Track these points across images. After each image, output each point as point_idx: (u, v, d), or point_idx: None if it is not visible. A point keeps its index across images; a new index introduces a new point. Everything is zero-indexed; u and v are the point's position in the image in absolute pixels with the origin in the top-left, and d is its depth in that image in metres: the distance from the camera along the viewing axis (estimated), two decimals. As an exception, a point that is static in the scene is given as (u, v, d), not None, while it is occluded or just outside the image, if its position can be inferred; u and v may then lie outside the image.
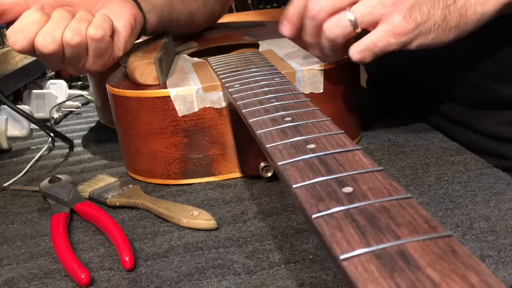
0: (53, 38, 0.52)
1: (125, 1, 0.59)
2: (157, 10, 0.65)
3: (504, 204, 0.44)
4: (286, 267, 0.40)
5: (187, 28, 0.76)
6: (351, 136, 0.61)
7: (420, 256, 0.20)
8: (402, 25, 0.45)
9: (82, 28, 0.53)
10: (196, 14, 0.75)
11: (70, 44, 0.52)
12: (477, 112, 0.65)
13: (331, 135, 0.33)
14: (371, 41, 0.46)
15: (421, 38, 0.46)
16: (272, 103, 0.42)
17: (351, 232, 0.22)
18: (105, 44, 0.54)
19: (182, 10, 0.71)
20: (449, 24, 0.45)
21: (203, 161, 0.55)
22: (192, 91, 0.53)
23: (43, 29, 0.52)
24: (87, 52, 0.54)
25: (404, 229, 0.21)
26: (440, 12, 0.45)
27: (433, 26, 0.45)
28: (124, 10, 0.58)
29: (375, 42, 0.46)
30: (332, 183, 0.26)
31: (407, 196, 0.24)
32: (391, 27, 0.45)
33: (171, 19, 0.68)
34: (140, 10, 0.61)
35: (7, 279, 0.43)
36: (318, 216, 0.24)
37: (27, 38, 0.52)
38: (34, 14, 0.52)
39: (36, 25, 0.52)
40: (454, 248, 0.20)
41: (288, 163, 0.30)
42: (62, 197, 0.53)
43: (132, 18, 0.58)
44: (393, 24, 0.45)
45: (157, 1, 0.65)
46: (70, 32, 0.52)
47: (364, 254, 0.20)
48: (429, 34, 0.45)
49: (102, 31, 0.53)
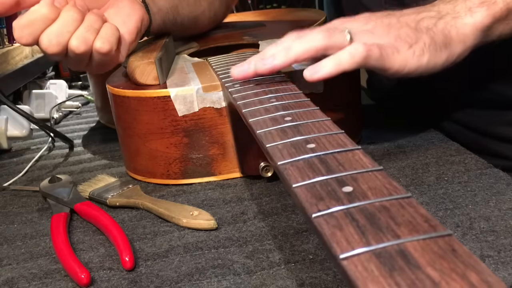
0: (58, 41, 0.51)
1: (135, 1, 0.59)
2: (162, 13, 0.65)
3: (504, 204, 0.44)
4: (286, 267, 0.40)
5: (190, 30, 0.76)
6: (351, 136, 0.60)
7: (420, 255, 0.20)
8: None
9: (90, 39, 0.52)
10: (200, 18, 0.75)
11: (75, 52, 0.52)
12: (479, 112, 0.65)
13: (331, 134, 0.33)
14: None
15: (416, 59, 0.46)
16: (272, 102, 0.42)
17: (351, 231, 0.22)
18: (109, 56, 0.54)
19: (187, 14, 0.71)
20: (438, 44, 0.46)
21: (203, 161, 0.55)
22: (192, 91, 0.53)
23: (50, 29, 0.51)
24: (90, 59, 0.54)
25: (404, 228, 0.21)
26: (426, 35, 0.46)
27: (424, 46, 0.45)
28: (133, 12, 0.58)
29: None
30: (332, 182, 0.26)
31: (407, 195, 0.24)
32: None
33: (175, 22, 0.68)
34: (148, 12, 0.61)
35: (7, 279, 0.43)
36: (318, 216, 0.24)
37: (32, 35, 0.51)
38: (42, 9, 0.51)
39: (43, 23, 0.51)
40: (454, 247, 0.20)
41: (288, 163, 0.30)
42: (62, 197, 0.53)
43: (139, 22, 0.58)
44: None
45: (163, 4, 0.65)
46: (77, 41, 0.52)
47: (364, 253, 0.20)
48: (423, 56, 0.45)
49: (109, 46, 0.53)
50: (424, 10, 0.48)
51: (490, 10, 0.47)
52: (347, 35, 0.44)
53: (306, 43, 0.45)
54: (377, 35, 0.46)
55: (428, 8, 0.49)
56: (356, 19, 0.48)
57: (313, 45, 0.44)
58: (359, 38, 0.45)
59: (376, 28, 0.46)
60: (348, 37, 0.44)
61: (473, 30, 0.47)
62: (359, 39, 0.45)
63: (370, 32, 0.46)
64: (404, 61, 0.45)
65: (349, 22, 0.48)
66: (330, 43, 0.44)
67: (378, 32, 0.46)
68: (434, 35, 0.46)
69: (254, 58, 0.48)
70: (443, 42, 0.46)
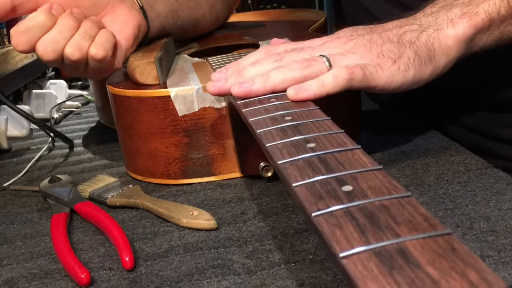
0: (54, 48, 0.52)
1: (132, 8, 0.59)
2: (161, 18, 0.65)
3: (504, 204, 0.44)
4: (286, 267, 0.40)
5: (191, 33, 0.75)
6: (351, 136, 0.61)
7: (419, 254, 0.20)
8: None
9: (85, 46, 0.53)
10: (201, 21, 0.75)
11: (70, 59, 0.53)
12: (479, 114, 0.65)
13: (331, 134, 0.33)
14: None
15: (402, 75, 0.45)
16: (272, 102, 0.42)
17: (350, 230, 0.22)
18: (105, 63, 0.54)
19: (188, 17, 0.71)
20: (422, 57, 0.46)
21: (203, 161, 0.55)
22: (192, 91, 0.53)
23: (46, 36, 0.52)
24: (86, 65, 0.55)
25: (403, 227, 0.21)
26: (409, 49, 0.45)
27: (408, 61, 0.45)
28: (130, 19, 0.58)
29: None
30: (331, 181, 0.26)
31: (406, 194, 0.24)
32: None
33: (175, 26, 0.68)
34: (145, 18, 0.61)
35: (7, 279, 0.43)
36: (318, 215, 0.24)
37: (29, 42, 0.52)
38: (39, 17, 0.52)
39: (40, 30, 0.52)
40: (454, 246, 0.20)
41: (288, 162, 0.30)
42: (62, 197, 0.53)
43: (137, 29, 0.58)
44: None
45: (162, 9, 0.65)
46: (72, 48, 0.52)
47: (363, 252, 0.20)
48: (408, 71, 0.45)
49: (104, 52, 0.53)
50: (407, 24, 0.48)
51: (472, 21, 0.46)
52: (326, 62, 0.44)
53: (284, 74, 0.44)
54: (359, 55, 0.45)
55: (410, 21, 0.49)
56: (336, 38, 0.48)
57: (292, 76, 0.44)
58: (340, 62, 0.44)
59: (357, 48, 0.46)
60: (327, 64, 0.44)
61: (456, 42, 0.46)
62: (339, 63, 0.44)
63: (351, 53, 0.45)
64: (390, 78, 0.45)
65: (329, 43, 0.47)
66: (309, 73, 0.44)
67: (360, 51, 0.45)
68: (418, 49, 0.46)
69: (232, 76, 0.47)
70: (427, 55, 0.46)
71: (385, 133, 0.63)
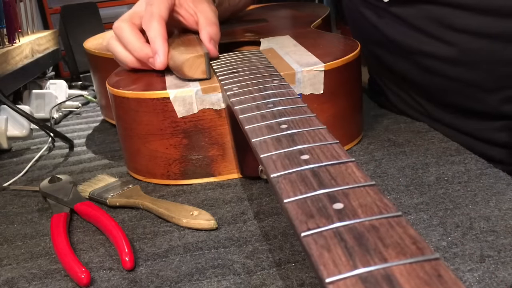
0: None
1: (210, 2, 0.66)
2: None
3: (504, 204, 0.44)
4: (286, 267, 0.40)
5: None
6: (351, 136, 0.60)
7: (405, 280, 0.20)
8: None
9: None
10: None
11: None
12: (469, 120, 0.66)
13: (326, 145, 0.33)
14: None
15: None
16: (269, 108, 0.42)
17: (338, 253, 0.22)
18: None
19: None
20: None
21: (203, 162, 0.55)
22: (191, 93, 0.53)
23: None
24: None
25: (391, 250, 0.21)
26: None
27: None
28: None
29: None
30: (323, 198, 0.26)
31: (396, 214, 0.24)
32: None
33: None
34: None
35: (7, 279, 0.43)
36: (307, 235, 0.24)
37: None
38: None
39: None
40: (440, 273, 0.20)
41: (281, 176, 0.30)
42: (62, 197, 0.53)
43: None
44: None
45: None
46: None
47: (350, 277, 0.20)
48: None
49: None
50: None
51: None
52: None
53: None
54: None
55: None
56: None
57: None
58: None
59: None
60: None
61: None
62: None
63: None
64: None
65: None
66: None
67: None
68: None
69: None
70: None
71: (385, 133, 0.63)
